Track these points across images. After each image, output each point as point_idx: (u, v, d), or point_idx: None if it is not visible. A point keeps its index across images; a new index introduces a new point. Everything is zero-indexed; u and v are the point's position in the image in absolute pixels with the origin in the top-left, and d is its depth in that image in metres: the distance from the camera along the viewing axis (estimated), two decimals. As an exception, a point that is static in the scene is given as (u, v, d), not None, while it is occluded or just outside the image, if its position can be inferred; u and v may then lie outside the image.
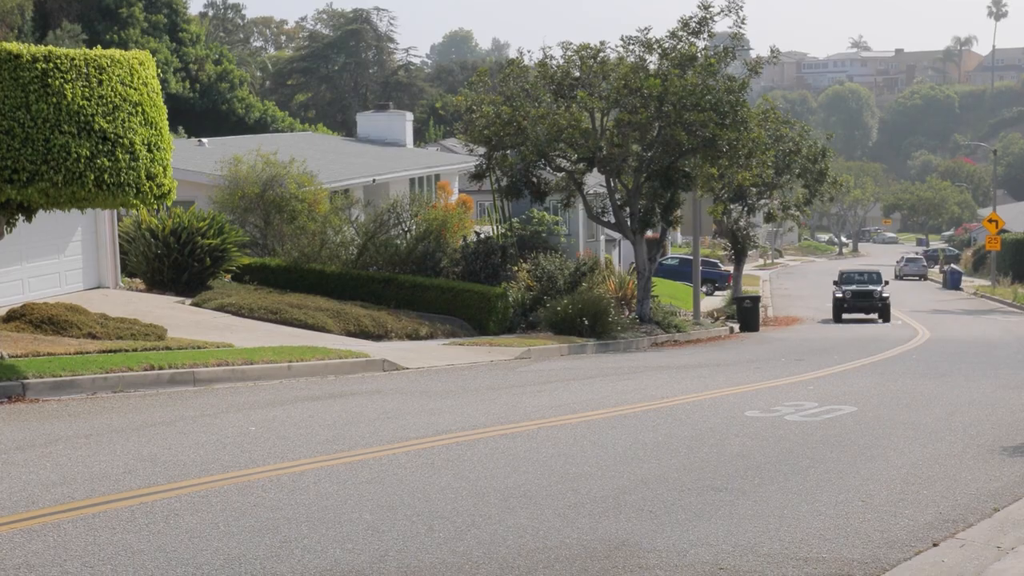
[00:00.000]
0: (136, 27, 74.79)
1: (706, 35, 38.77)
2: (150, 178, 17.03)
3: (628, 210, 38.77)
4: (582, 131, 36.78)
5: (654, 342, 34.98)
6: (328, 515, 9.64)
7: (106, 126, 16.35)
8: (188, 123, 71.78)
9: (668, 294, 51.07)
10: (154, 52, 67.83)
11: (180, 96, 74.33)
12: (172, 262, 30.58)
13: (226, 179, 36.29)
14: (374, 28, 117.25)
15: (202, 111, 77.50)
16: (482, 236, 39.93)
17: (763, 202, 53.90)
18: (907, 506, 10.65)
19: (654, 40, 38.60)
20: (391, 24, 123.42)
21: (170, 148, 17.70)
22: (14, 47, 16.01)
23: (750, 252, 59.66)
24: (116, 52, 17.11)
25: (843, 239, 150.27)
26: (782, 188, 53.55)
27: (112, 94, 16.52)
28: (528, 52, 40.57)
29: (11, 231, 17.91)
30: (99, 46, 17.65)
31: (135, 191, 16.82)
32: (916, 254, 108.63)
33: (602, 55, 39.08)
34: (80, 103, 16.10)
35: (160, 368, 18.08)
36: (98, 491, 10.24)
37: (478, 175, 39.93)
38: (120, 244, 30.20)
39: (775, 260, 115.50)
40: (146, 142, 16.94)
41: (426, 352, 25.61)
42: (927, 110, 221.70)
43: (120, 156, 16.46)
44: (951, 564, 8.71)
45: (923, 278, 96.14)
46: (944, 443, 14.42)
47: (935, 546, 9.25)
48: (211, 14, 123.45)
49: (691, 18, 38.35)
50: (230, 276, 32.80)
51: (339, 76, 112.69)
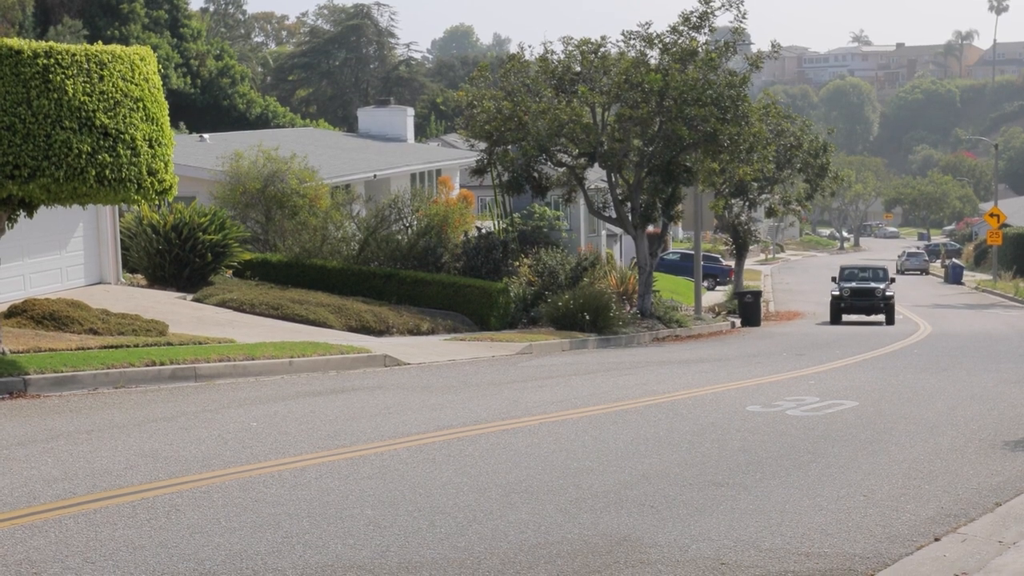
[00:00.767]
0: (137, 23, 74.77)
1: (707, 30, 38.73)
2: (151, 174, 17.02)
3: (629, 205, 38.76)
4: (583, 126, 36.77)
5: (655, 337, 34.98)
6: (330, 511, 9.65)
7: (107, 122, 16.34)
8: (189, 119, 71.79)
9: (669, 289, 51.08)
10: (155, 48, 67.86)
11: (181, 92, 74.32)
12: (173, 258, 30.57)
13: (227, 175, 36.28)
14: (375, 23, 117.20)
15: (203, 107, 77.49)
16: (483, 231, 39.93)
17: (764, 197, 53.87)
18: (909, 501, 10.65)
19: (655, 35, 38.58)
20: (392, 19, 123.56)
21: (171, 144, 17.69)
22: (15, 43, 15.99)
23: (751, 247, 59.73)
24: (117, 48, 17.09)
25: (844, 234, 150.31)
26: (783, 183, 53.54)
27: (113, 90, 16.50)
28: (529, 47, 40.56)
29: (12, 227, 17.90)
30: (100, 42, 17.63)
31: (136, 187, 16.80)
32: (917, 249, 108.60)
33: (603, 50, 39.04)
34: (81, 99, 16.09)
35: (161, 364, 18.08)
36: (100, 487, 10.25)
37: (479, 170, 39.90)
38: (121, 240, 30.19)
39: (776, 255, 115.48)
40: (147, 138, 16.92)
41: (427, 347, 25.60)
42: (928, 104, 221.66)
43: (121, 152, 16.44)
44: (953, 559, 8.71)
45: (924, 273, 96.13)
46: (946, 438, 14.41)
47: (937, 541, 9.25)
48: (212, 9, 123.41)
49: (692, 13, 38.32)
50: (231, 272, 32.80)
51: (340, 71, 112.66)
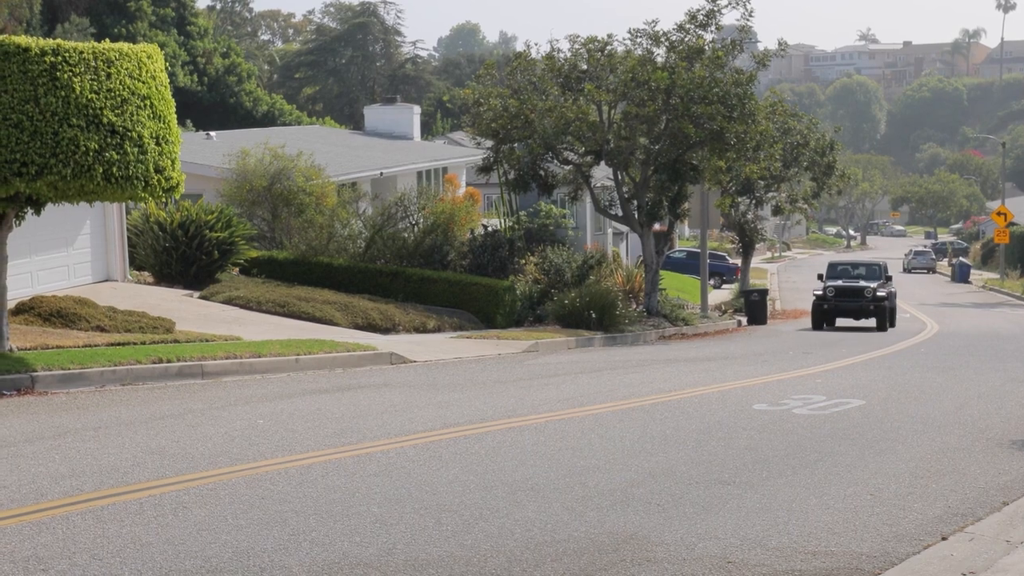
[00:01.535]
0: (144, 21, 74.80)
1: (713, 28, 38.73)
2: (158, 171, 17.04)
3: (636, 203, 38.75)
4: (589, 124, 36.76)
5: (661, 335, 34.97)
6: (336, 508, 9.65)
7: (115, 119, 16.36)
8: (196, 116, 71.80)
9: (676, 287, 51.07)
10: (162, 45, 67.84)
11: (188, 89, 74.34)
12: (180, 255, 30.60)
13: (234, 172, 36.31)
14: (381, 21, 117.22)
15: (210, 104, 77.51)
16: (490, 229, 39.93)
17: (771, 195, 53.81)
18: (916, 500, 10.64)
19: (661, 33, 38.58)
20: (398, 17, 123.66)
21: (178, 141, 17.71)
22: (23, 40, 16.02)
23: (758, 245, 59.63)
24: (124, 46, 17.11)
25: (851, 232, 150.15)
26: (790, 181, 53.49)
27: (120, 87, 16.52)
28: (535, 45, 40.79)
29: (20, 224, 17.93)
30: (107, 40, 17.65)
31: (143, 184, 16.82)
32: (924, 247, 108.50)
33: (609, 48, 39.04)
34: (89, 96, 16.11)
35: (168, 361, 18.09)
36: (107, 484, 10.26)
37: (485, 168, 39.91)
38: (128, 237, 30.23)
39: (783, 253, 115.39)
40: (154, 135, 16.95)
41: (433, 345, 25.61)
42: (935, 103, 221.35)
43: (129, 149, 16.47)
44: (960, 558, 8.70)
45: (931, 271, 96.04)
46: (953, 437, 14.40)
47: (944, 540, 9.24)
48: (219, 7, 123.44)
49: (698, 11, 38.32)
50: (238, 269, 32.83)
51: (346, 69, 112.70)
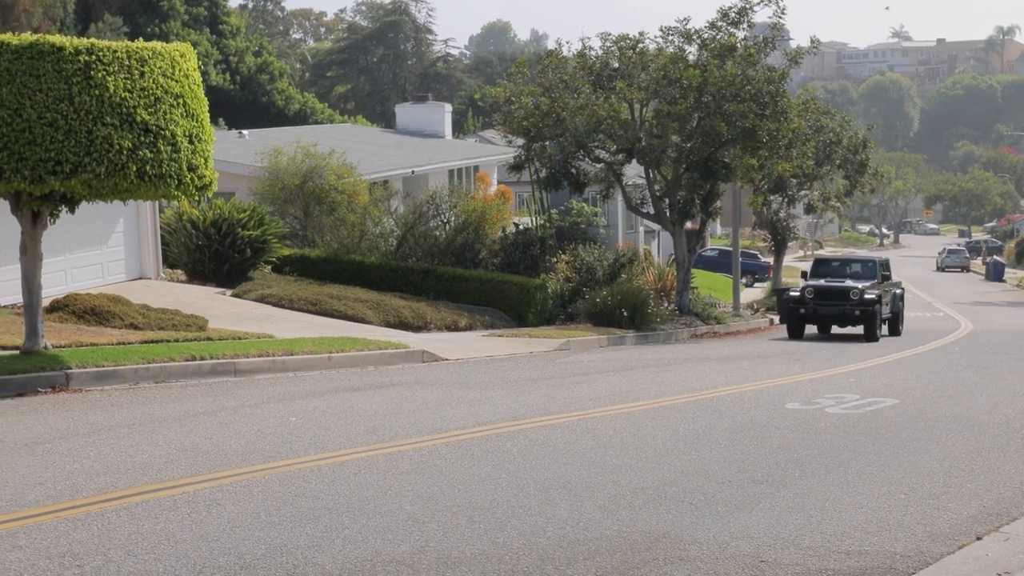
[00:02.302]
0: (177, 20, 75.11)
1: (745, 25, 38.60)
2: (191, 169, 17.10)
3: (667, 201, 38.68)
4: (621, 122, 36.69)
5: (693, 334, 34.89)
6: (369, 505, 9.67)
7: (148, 118, 16.42)
8: (228, 115, 72.03)
9: (707, 286, 50.93)
10: (195, 44, 68.06)
11: (220, 88, 74.60)
12: (213, 253, 30.71)
13: (266, 171, 36.42)
14: (412, 20, 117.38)
15: (242, 103, 77.76)
16: (521, 227, 39.93)
17: (803, 193, 53.60)
18: (950, 499, 10.58)
19: (693, 30, 38.47)
20: (429, 16, 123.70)
21: (211, 140, 17.77)
22: (57, 40, 16.10)
23: (790, 243, 59.39)
24: (158, 44, 17.18)
25: (884, 230, 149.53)
26: (822, 179, 53.25)
27: (154, 86, 16.58)
28: (567, 43, 40.35)
29: (55, 222, 18.01)
30: (140, 39, 17.72)
31: (177, 182, 16.88)
32: (958, 245, 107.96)
33: (641, 46, 38.97)
34: (122, 95, 16.17)
35: (201, 358, 18.16)
36: (141, 480, 10.31)
37: (517, 166, 39.90)
38: (161, 235, 30.36)
39: (815, 252, 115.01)
40: (187, 134, 17.00)
41: (465, 343, 25.63)
42: (969, 100, 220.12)
43: (162, 148, 16.53)
44: (995, 558, 8.65)
45: (965, 270, 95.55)
46: (987, 436, 14.32)
47: (978, 540, 9.19)
48: (251, 6, 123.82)
49: (730, 8, 38.19)
50: (270, 267, 32.93)
51: (378, 68, 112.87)
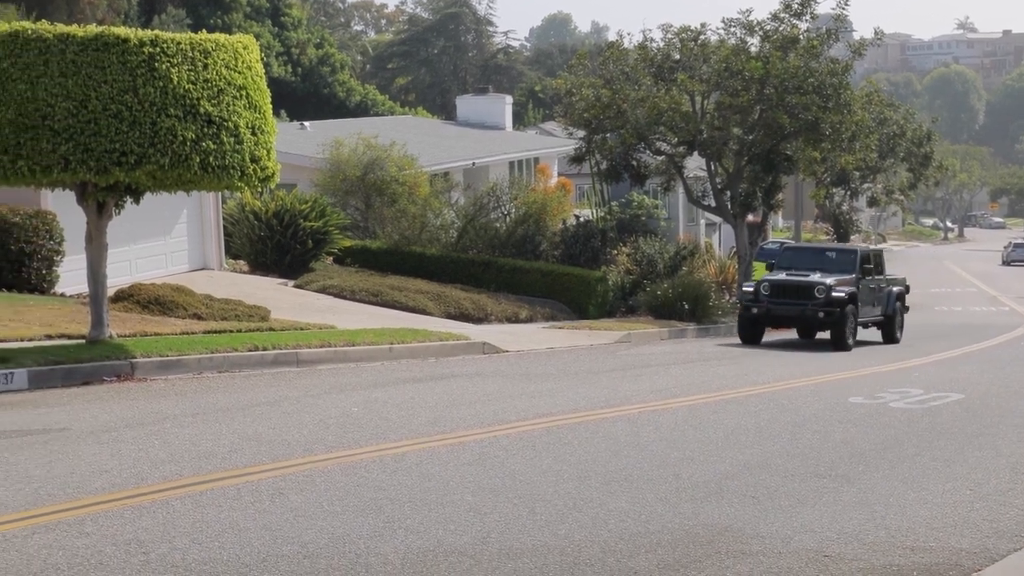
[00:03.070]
0: (239, 11, 75.51)
1: (808, 16, 38.38)
2: (254, 161, 17.18)
3: (729, 194, 38.53)
4: (682, 114, 36.61)
5: (755, 327, 34.62)
6: (430, 496, 9.69)
7: (211, 109, 16.52)
8: (290, 106, 72.37)
9: (769, 279, 50.56)
10: (257, 36, 68.39)
11: (282, 80, 74.94)
12: (275, 244, 30.90)
13: (328, 162, 36.58)
14: (473, 11, 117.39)
15: (303, 94, 78.08)
16: (581, 219, 39.89)
17: (866, 186, 53.26)
18: (1017, 496, 10.46)
19: (756, 22, 38.34)
20: (490, 7, 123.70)
21: (274, 131, 17.85)
22: (122, 32, 16.22)
23: (852, 237, 58.97)
24: (221, 36, 17.28)
25: (948, 224, 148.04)
26: (886, 172, 52.90)
27: (217, 78, 16.67)
28: (628, 35, 40.61)
29: (119, 213, 18.17)
30: (204, 30, 17.83)
31: (240, 174, 16.98)
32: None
33: (703, 37, 38.85)
34: (186, 87, 16.28)
35: (264, 349, 18.27)
36: (205, 469, 10.38)
37: (577, 158, 39.89)
38: (224, 226, 30.59)
39: (878, 245, 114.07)
40: (250, 125, 17.09)
41: (526, 335, 25.64)
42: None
43: (225, 139, 16.62)
44: (1062, 555, 8.55)
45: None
46: (1054, 432, 14.15)
47: (1046, 536, 9.08)
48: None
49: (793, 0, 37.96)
50: (331, 258, 33.10)
51: (439, 59, 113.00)
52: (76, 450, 11.03)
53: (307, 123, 49.35)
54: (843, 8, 38.44)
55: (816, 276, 27.60)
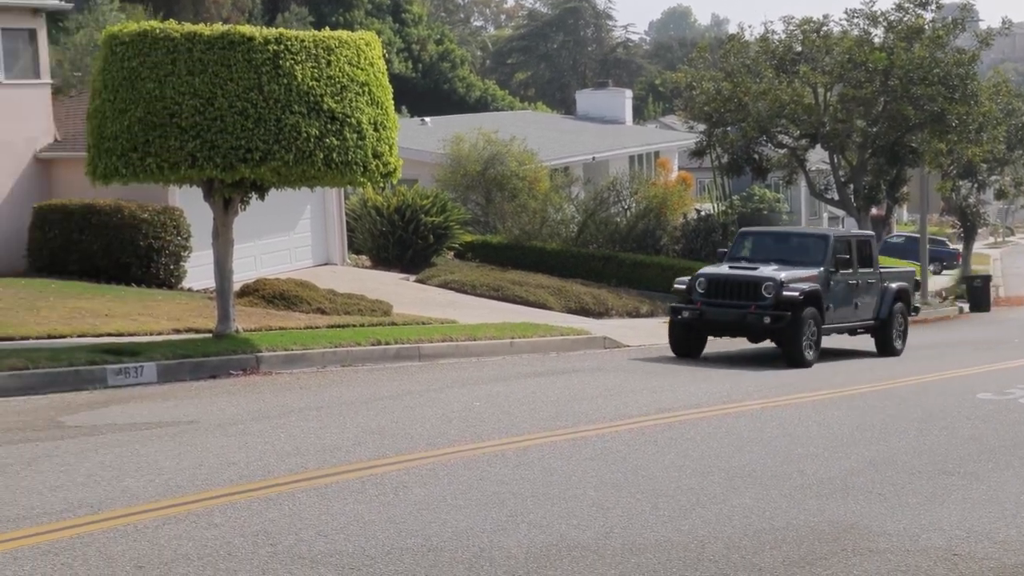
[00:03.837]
0: (360, 9, 76.18)
1: (933, 6, 37.77)
2: (376, 157, 17.32)
3: (852, 187, 38.06)
4: (804, 107, 36.22)
5: (879, 322, 34.08)
6: (553, 491, 9.69)
7: (334, 106, 16.67)
8: (410, 103, 72.83)
9: (893, 273, 49.82)
10: (378, 33, 68.96)
11: (402, 76, 75.45)
12: (396, 239, 31.15)
13: (448, 157, 36.76)
14: (592, 6, 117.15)
15: (424, 90, 78.57)
16: (702, 214, 39.65)
17: (994, 178, 52.18)
18: None
19: (879, 12, 37.82)
20: (609, 1, 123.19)
21: (396, 127, 17.97)
22: (247, 30, 16.45)
23: (980, 230, 57.85)
24: (344, 33, 17.44)
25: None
26: (1014, 164, 51.75)
27: (340, 75, 16.83)
28: (749, 27, 40.06)
29: (245, 209, 18.42)
30: (326, 28, 18.01)
31: (362, 169, 17.12)
32: None
33: (825, 29, 38.42)
34: (310, 84, 16.45)
35: (386, 343, 18.43)
36: (329, 462, 10.49)
37: (698, 152, 39.69)
38: (347, 221, 30.90)
39: (1006, 239, 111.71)
40: (372, 121, 17.22)
41: (646, 330, 25.55)
42: None
43: (348, 135, 16.77)
44: None
45: None
46: None
47: None
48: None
49: (918, -11, 37.37)
50: (452, 253, 33.28)
51: (558, 54, 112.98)
52: (204, 442, 11.22)
53: (427, 119, 49.64)
54: (969, -3, 37.77)
55: (768, 269, 21.32)
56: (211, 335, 17.61)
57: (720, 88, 37.32)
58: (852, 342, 24.14)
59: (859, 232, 26.87)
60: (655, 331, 25.43)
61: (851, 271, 22.40)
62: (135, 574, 7.23)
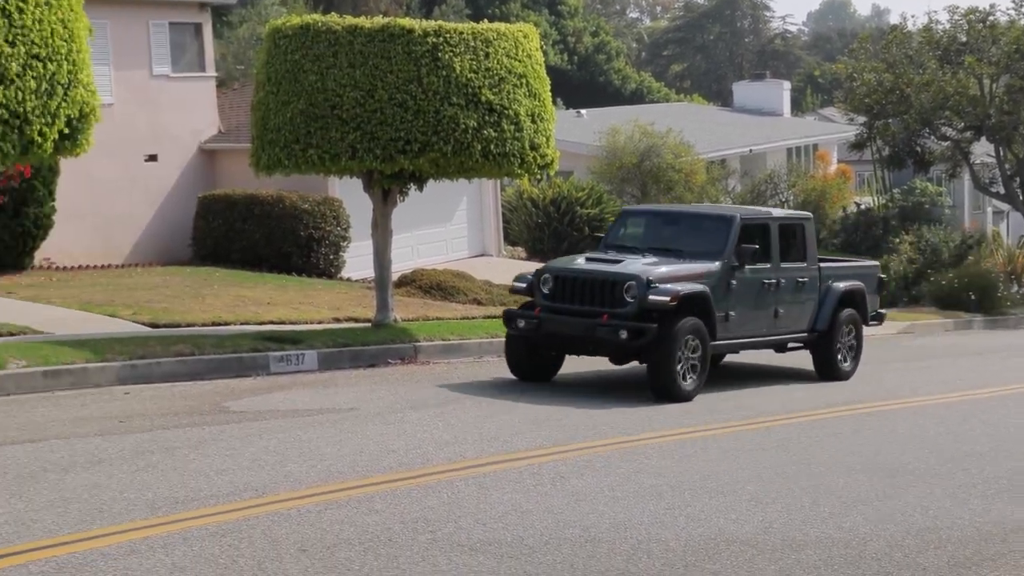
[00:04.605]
0: (516, 1, 76.45)
1: (1108, -7, 36.62)
2: (534, 148, 17.33)
3: (1018, 180, 37.12)
4: (969, 98, 35.45)
5: (1049, 319, 33.15)
6: (710, 484, 9.63)
7: (492, 98, 16.73)
8: (566, 94, 72.84)
9: (1062, 269, 48.43)
10: (535, 25, 69.12)
11: (558, 68, 75.48)
12: (552, 231, 31.20)
13: (603, 150, 36.68)
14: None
15: (579, 82, 78.53)
16: (862, 207, 39.04)
17: None
18: None
19: (1050, 1, 36.74)
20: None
21: (553, 119, 17.95)
22: (407, 23, 16.60)
23: None
24: (501, 26, 17.49)
25: None
26: None
27: (498, 67, 16.87)
28: (911, 17, 39.61)
29: (403, 200, 18.59)
30: (484, 20, 18.08)
31: (519, 161, 17.15)
32: None
33: (991, 18, 37.52)
34: (468, 76, 16.53)
35: (542, 334, 18.40)
36: (487, 451, 10.56)
37: (858, 145, 39.08)
38: (502, 213, 31.02)
39: None
40: (530, 113, 17.23)
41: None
42: None
43: (505, 127, 16.81)
44: None
45: None
46: None
47: None
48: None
49: (1092, -25, 36.31)
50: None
51: (714, 46, 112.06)
52: (364, 430, 11.37)
53: (583, 111, 49.62)
54: None
55: (639, 263, 14.99)
56: (370, 324, 17.81)
57: (881, 79, 36.69)
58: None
59: (786, 213, 19.37)
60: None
61: (769, 266, 15.85)
62: (299, 557, 7.36)
